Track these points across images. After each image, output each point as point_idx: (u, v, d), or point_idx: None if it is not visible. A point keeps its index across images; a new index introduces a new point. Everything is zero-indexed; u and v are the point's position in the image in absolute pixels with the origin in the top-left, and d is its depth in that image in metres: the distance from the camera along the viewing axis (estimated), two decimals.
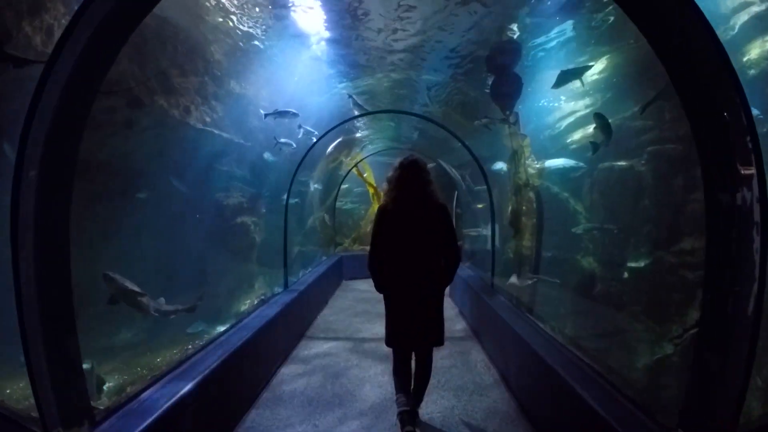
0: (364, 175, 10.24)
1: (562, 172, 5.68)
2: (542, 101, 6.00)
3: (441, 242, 2.62)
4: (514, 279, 5.95)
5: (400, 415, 2.68)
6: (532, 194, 4.91)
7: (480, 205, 7.83)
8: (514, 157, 5.01)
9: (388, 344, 2.77)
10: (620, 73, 5.43)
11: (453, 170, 7.95)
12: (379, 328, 4.87)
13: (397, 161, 2.71)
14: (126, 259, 5.18)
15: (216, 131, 6.75)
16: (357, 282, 9.00)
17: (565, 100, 6.14)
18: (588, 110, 5.86)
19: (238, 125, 7.04)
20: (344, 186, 11.21)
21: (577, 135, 5.98)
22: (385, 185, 2.75)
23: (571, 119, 6.14)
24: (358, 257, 9.09)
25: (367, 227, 10.29)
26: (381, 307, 2.96)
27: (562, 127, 6.17)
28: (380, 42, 5.33)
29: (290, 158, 7.24)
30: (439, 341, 2.75)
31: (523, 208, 4.88)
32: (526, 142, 5.06)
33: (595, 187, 5.71)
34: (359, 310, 6.45)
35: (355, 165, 9.66)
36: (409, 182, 2.57)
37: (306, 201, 9.80)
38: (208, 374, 2.64)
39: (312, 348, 4.87)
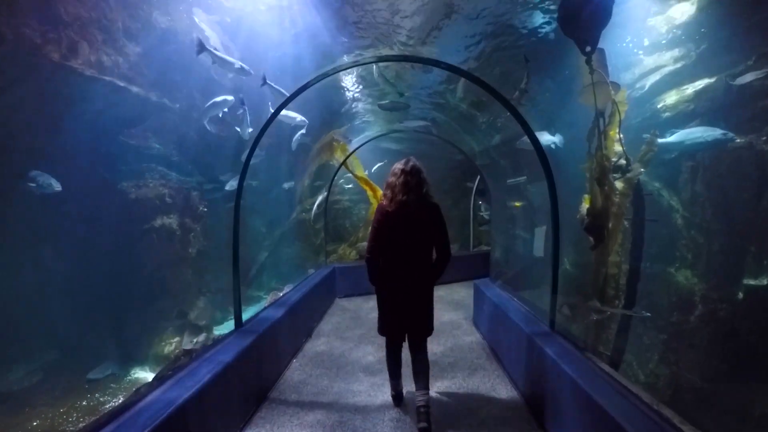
0: (357, 173, 8.96)
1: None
2: (622, 42, 4.79)
3: (434, 239, 3.08)
4: (566, 311, 4.77)
5: (395, 396, 3.52)
6: (624, 185, 3.60)
7: (517, 204, 6.53)
8: (598, 124, 3.66)
9: (381, 333, 3.32)
10: (719, 15, 4.54)
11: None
12: (386, 396, 3.65)
13: (397, 167, 3.08)
14: None
15: (121, 83, 5.01)
16: (354, 300, 7.42)
17: (645, 52, 5.08)
18: (678, 65, 4.96)
19: (161, 78, 5.31)
20: (340, 180, 10.06)
21: (670, 98, 4.86)
22: (386, 189, 3.10)
23: (656, 77, 4.97)
24: (357, 269, 7.48)
25: (368, 230, 8.97)
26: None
27: (646, 88, 5.00)
28: None
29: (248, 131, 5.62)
30: (429, 331, 3.26)
31: (613, 205, 3.56)
32: (621, 97, 3.69)
33: (698, 175, 4.67)
34: (357, 355, 4.67)
35: (346, 159, 8.26)
36: (411, 188, 2.98)
37: (281, 196, 8.63)
38: None
39: (274, 428, 3.22)
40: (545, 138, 5.45)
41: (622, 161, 3.70)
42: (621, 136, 3.64)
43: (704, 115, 4.56)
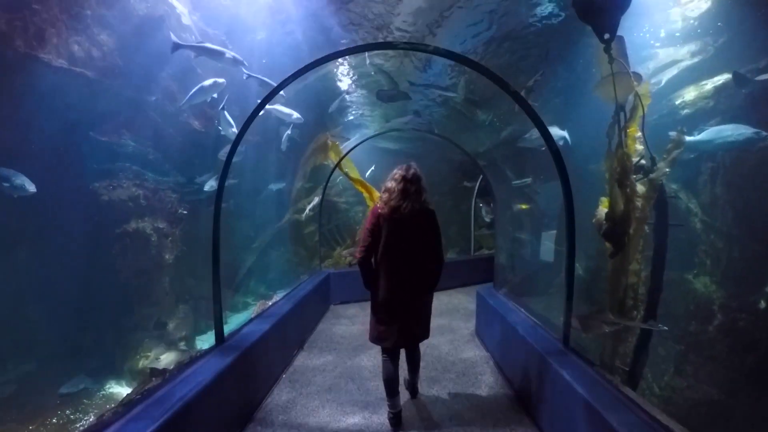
0: (351, 175, 8.64)
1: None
2: (638, 33, 4.52)
3: (429, 244, 3.09)
4: (575, 323, 4.48)
5: (392, 417, 3.24)
6: (646, 187, 3.30)
7: (522, 206, 6.23)
8: (618, 119, 3.36)
9: (372, 341, 3.24)
10: (738, 6, 4.38)
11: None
12: (383, 419, 3.34)
13: (398, 173, 3.07)
14: None
15: (93, 75, 4.63)
16: (350, 308, 7.03)
17: (661, 44, 4.86)
18: (696, 60, 4.76)
19: (137, 69, 4.93)
20: (338, 178, 9.64)
21: (688, 94, 4.61)
22: (383, 192, 3.09)
23: (674, 71, 4.72)
24: (353, 275, 7.08)
25: None
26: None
27: (662, 83, 4.74)
28: None
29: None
30: (423, 337, 3.26)
31: (635, 209, 3.26)
32: (644, 90, 3.38)
33: (719, 177, 4.45)
34: (352, 370, 4.30)
35: (341, 160, 7.95)
36: (409, 195, 2.98)
37: (271, 198, 8.31)
38: None
39: None
40: (555, 132, 5.16)
41: (642, 161, 3.39)
42: (641, 133, 3.33)
43: (725, 112, 4.31)
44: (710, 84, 4.50)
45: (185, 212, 5.52)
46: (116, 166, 4.96)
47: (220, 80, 4.97)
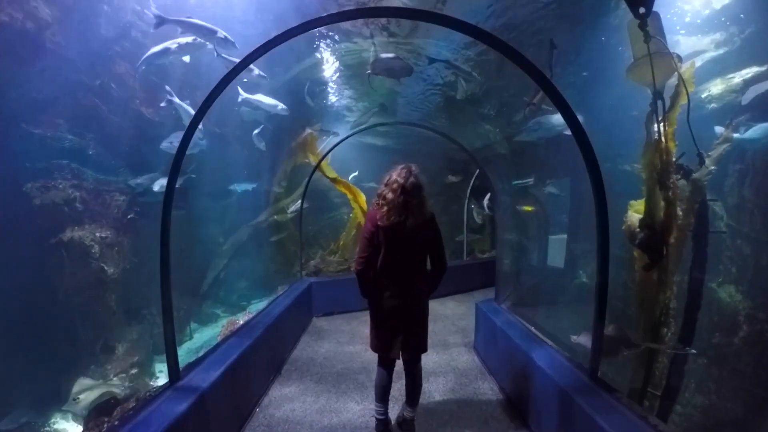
0: (329, 175, 8.13)
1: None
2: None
3: (430, 251, 2.97)
4: (584, 339, 4.06)
5: (377, 423, 3.19)
6: (689, 188, 2.88)
7: (527, 208, 5.78)
8: (656, 108, 2.91)
9: (373, 349, 3.13)
10: None
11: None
12: None
13: (396, 180, 2.81)
14: None
15: (24, 53, 3.88)
16: (334, 320, 6.40)
17: (685, 32, 4.55)
18: (721, 51, 4.51)
19: (81, 48, 4.20)
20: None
21: (715, 88, 4.42)
22: (380, 199, 2.89)
23: (698, 62, 4.41)
24: (337, 284, 6.58)
25: (350, 236, 8.38)
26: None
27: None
28: None
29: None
30: (424, 348, 3.12)
31: (676, 215, 2.82)
32: (688, 73, 2.93)
33: (747, 179, 4.28)
34: (336, 405, 3.67)
35: (323, 158, 7.31)
36: (410, 210, 2.80)
37: (244, 200, 7.65)
38: None
39: None
40: (559, 121, 4.73)
41: (681, 160, 2.95)
42: (688, 126, 2.88)
43: (756, 107, 3.98)
44: (738, 77, 4.28)
45: (135, 217, 4.77)
46: (52, 164, 4.20)
47: (184, 40, 4.27)
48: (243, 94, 5.61)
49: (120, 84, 4.60)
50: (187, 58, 4.41)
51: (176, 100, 4.71)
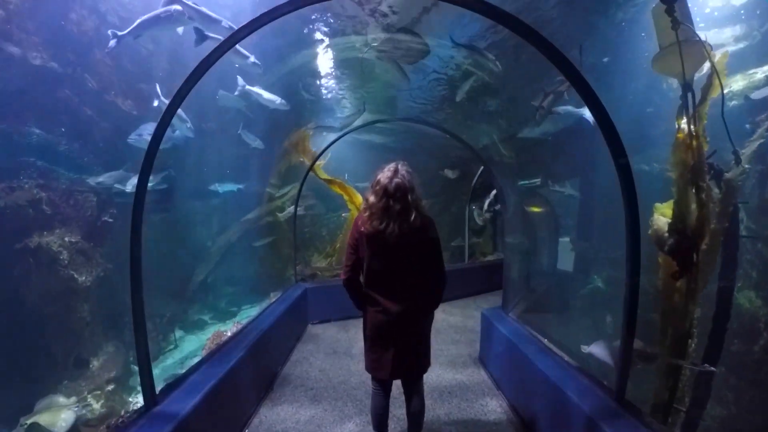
0: (321, 176, 7.86)
1: None
2: None
3: (426, 262, 2.65)
4: (598, 349, 3.86)
5: None
6: (723, 189, 2.65)
7: (535, 209, 5.55)
8: (686, 100, 2.69)
9: (368, 370, 2.85)
10: None
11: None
12: None
13: (380, 181, 2.53)
14: None
15: None
16: (330, 328, 6.22)
17: (703, 26, 4.33)
18: (740, 45, 4.38)
19: (50, 34, 3.88)
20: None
21: (736, 83, 4.24)
22: (365, 202, 2.67)
23: (716, 56, 4.20)
24: (333, 289, 6.27)
25: (347, 239, 7.96)
26: None
27: (704, 69, 4.20)
28: None
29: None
30: (422, 368, 2.85)
31: (709, 218, 2.59)
32: (721, 62, 2.72)
33: None
34: (334, 429, 3.38)
35: (319, 156, 7.07)
36: (392, 215, 2.50)
37: (231, 201, 7.29)
38: None
39: None
40: (570, 111, 4.58)
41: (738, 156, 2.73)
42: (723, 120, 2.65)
43: None
44: (761, 73, 4.13)
45: (111, 219, 4.43)
46: (18, 162, 3.85)
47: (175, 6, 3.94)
48: (242, 84, 5.32)
49: (95, 74, 4.26)
50: (180, 30, 4.06)
51: (163, 99, 4.44)
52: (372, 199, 2.55)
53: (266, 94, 5.57)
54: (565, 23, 4.27)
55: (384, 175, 2.52)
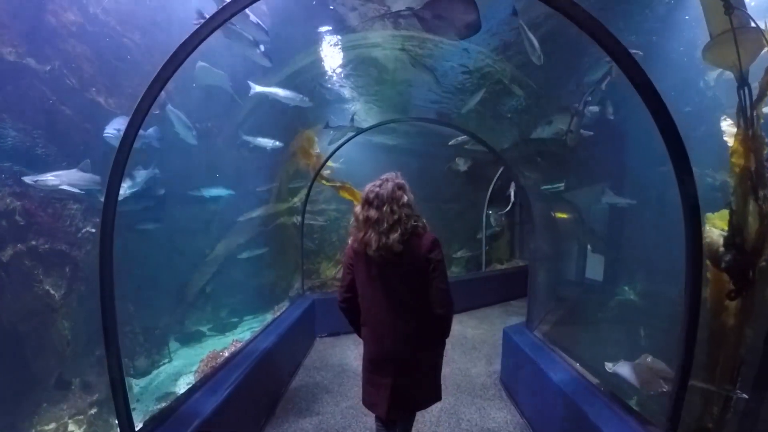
0: (327, 181, 7.86)
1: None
2: None
3: (425, 285, 2.36)
4: (623, 369, 3.56)
5: None
6: None
7: (562, 215, 5.23)
8: (743, 96, 2.39)
9: (365, 404, 2.65)
10: None
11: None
12: None
13: (368, 192, 2.41)
14: None
15: None
16: (340, 341, 6.06)
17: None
18: None
19: (27, 28, 3.64)
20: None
21: None
22: (352, 221, 2.53)
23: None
24: None
25: None
26: None
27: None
28: None
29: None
30: (429, 401, 2.61)
31: None
32: None
33: None
34: None
35: (321, 168, 7.04)
36: (374, 227, 2.32)
37: (230, 207, 7.00)
38: None
39: None
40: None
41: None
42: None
43: None
44: None
45: (93, 230, 4.13)
46: None
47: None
48: (255, 88, 5.14)
49: (74, 70, 3.98)
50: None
51: (169, 106, 4.26)
52: (356, 210, 2.45)
53: (282, 92, 5.34)
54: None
55: (369, 185, 2.44)
